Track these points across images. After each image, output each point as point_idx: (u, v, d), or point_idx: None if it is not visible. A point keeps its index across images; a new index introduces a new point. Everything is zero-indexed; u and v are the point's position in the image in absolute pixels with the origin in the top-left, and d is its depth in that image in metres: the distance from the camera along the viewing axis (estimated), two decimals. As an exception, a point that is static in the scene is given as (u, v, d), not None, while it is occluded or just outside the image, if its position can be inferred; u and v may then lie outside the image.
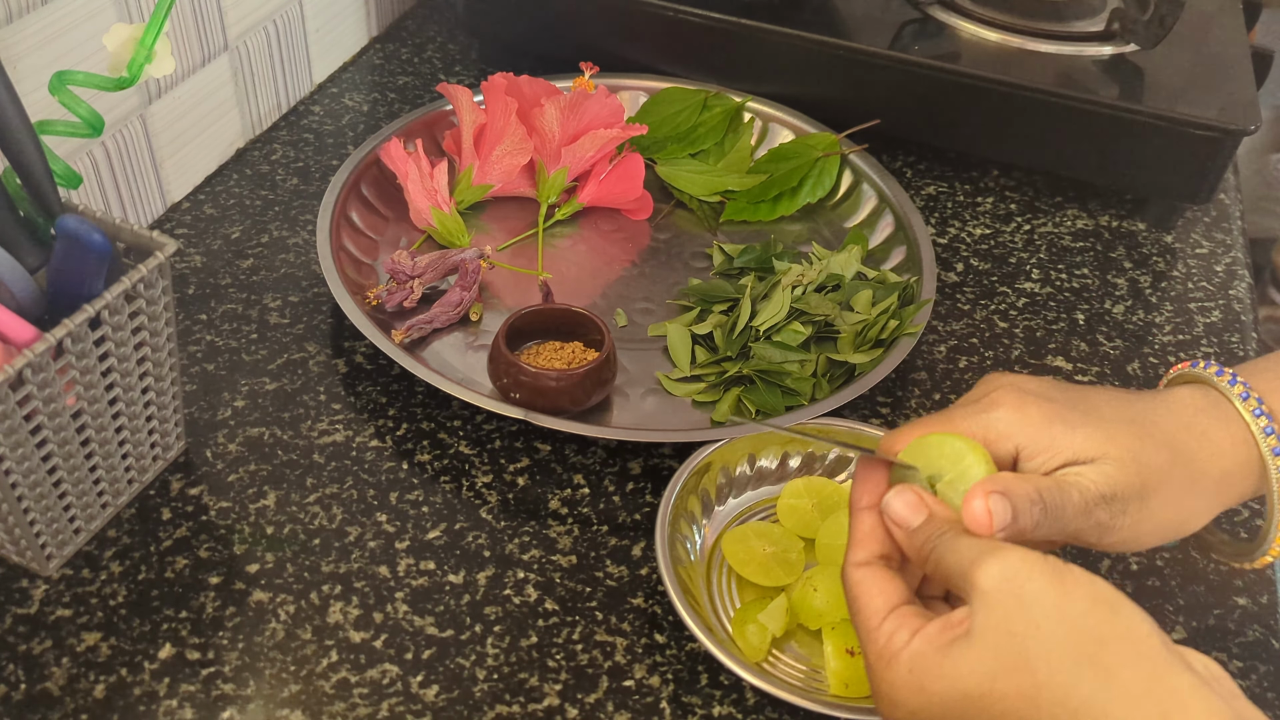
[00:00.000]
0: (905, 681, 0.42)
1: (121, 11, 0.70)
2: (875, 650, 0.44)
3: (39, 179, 0.52)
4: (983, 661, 0.40)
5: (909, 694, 0.42)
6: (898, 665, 0.43)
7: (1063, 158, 0.86)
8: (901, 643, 0.43)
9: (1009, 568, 0.41)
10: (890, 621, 0.44)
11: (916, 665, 0.42)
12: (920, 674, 0.42)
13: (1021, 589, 0.40)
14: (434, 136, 0.85)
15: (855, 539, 0.47)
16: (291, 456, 0.65)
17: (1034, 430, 0.47)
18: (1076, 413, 0.48)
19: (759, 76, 0.89)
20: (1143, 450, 0.47)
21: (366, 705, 0.54)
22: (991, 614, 0.41)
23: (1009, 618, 0.40)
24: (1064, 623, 0.40)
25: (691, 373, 0.70)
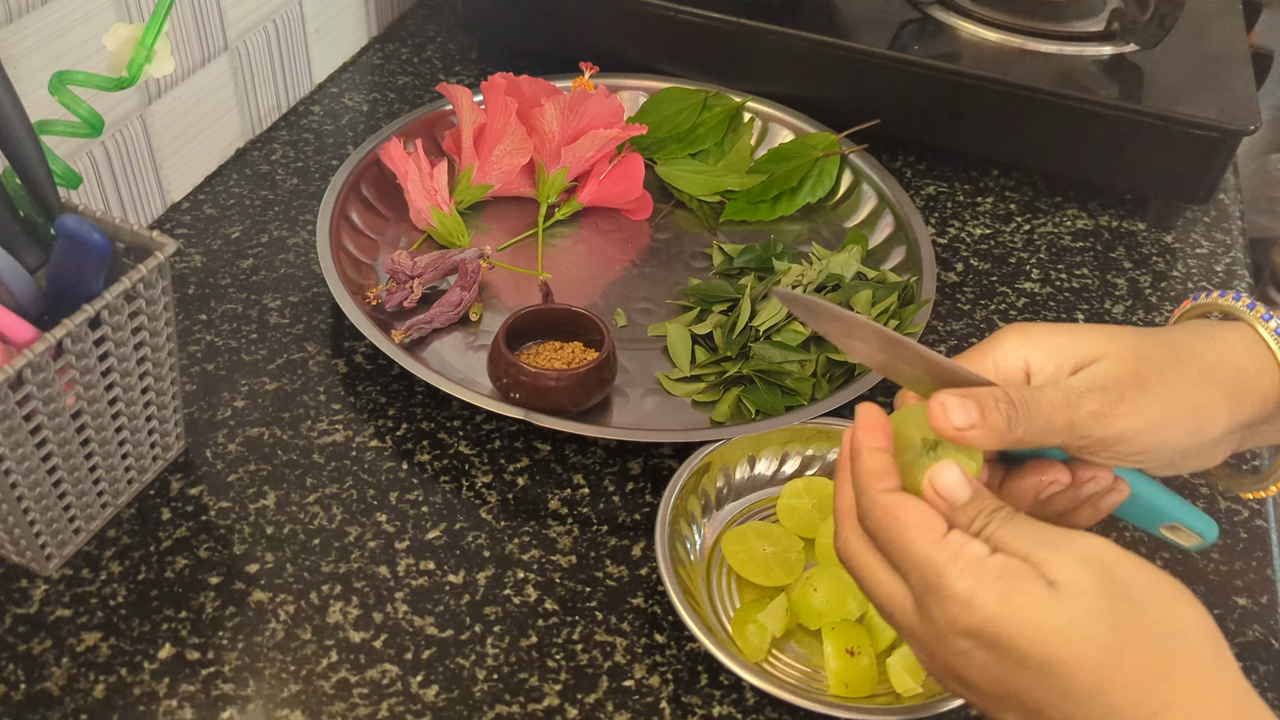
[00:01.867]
0: (991, 586, 0.39)
1: (121, 11, 0.70)
2: (949, 554, 0.40)
3: (39, 179, 0.52)
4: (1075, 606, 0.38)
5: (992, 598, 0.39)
6: (984, 569, 0.40)
7: (1063, 158, 0.86)
8: (982, 551, 0.40)
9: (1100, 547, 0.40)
10: (959, 534, 0.41)
11: (1005, 575, 0.39)
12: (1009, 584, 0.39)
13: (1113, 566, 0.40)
14: (434, 136, 0.85)
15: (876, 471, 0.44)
16: (291, 456, 0.65)
17: (1039, 342, 0.46)
18: (1080, 327, 0.48)
19: (759, 76, 0.89)
20: (1141, 345, 0.46)
21: (366, 705, 0.54)
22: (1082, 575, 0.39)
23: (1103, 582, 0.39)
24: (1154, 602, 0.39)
25: (691, 373, 0.70)
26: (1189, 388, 0.46)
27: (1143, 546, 0.64)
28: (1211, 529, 0.52)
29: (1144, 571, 0.40)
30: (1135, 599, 0.39)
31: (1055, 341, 0.47)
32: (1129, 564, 0.40)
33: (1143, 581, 0.40)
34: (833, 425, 0.64)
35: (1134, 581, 0.40)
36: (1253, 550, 0.64)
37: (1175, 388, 0.46)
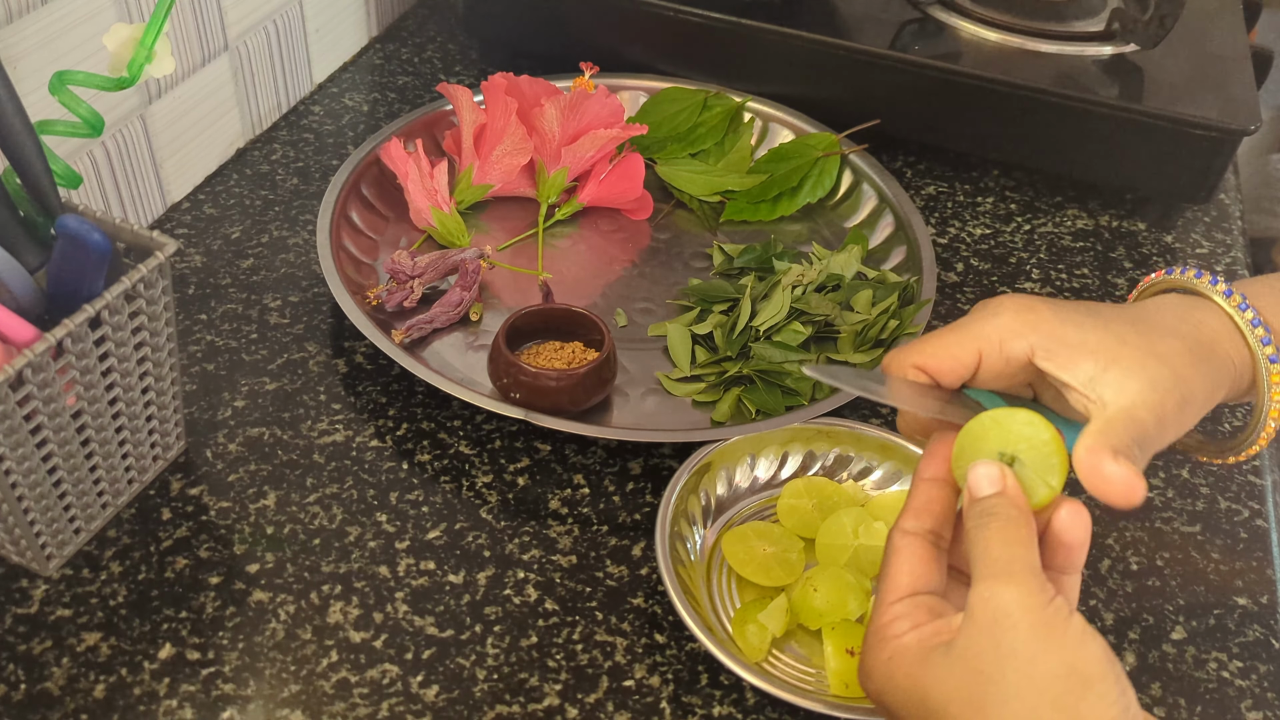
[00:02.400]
0: (884, 666, 0.44)
1: (121, 11, 0.70)
2: (877, 625, 0.45)
3: (39, 179, 0.52)
4: (949, 681, 0.41)
5: (881, 677, 0.44)
6: (884, 649, 0.44)
7: (1063, 158, 0.86)
8: (897, 632, 0.44)
9: (1000, 608, 0.41)
10: (901, 606, 0.44)
11: (896, 656, 0.43)
12: (894, 665, 0.43)
13: (1003, 634, 0.41)
14: (434, 136, 0.85)
15: (910, 506, 0.47)
16: (291, 456, 0.65)
17: (1046, 327, 0.47)
18: (1080, 313, 0.48)
19: (759, 76, 0.89)
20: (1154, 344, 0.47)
21: (366, 705, 0.54)
22: (969, 644, 0.41)
23: (981, 656, 0.41)
24: (1029, 680, 0.40)
25: (691, 373, 0.70)
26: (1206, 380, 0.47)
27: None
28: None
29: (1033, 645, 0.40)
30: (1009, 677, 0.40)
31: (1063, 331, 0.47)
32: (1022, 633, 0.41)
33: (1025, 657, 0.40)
34: (833, 425, 0.64)
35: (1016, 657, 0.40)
36: (1253, 550, 0.64)
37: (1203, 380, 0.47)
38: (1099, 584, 0.62)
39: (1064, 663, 0.40)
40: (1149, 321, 0.49)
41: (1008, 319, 0.48)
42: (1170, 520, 0.66)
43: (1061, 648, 0.40)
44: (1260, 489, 0.68)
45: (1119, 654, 0.59)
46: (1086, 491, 0.45)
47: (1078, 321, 0.47)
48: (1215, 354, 0.48)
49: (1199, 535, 0.65)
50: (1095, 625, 0.59)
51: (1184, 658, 0.59)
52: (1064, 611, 0.41)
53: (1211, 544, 0.65)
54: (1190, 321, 0.49)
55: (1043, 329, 0.47)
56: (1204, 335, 0.48)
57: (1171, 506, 0.66)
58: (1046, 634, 0.40)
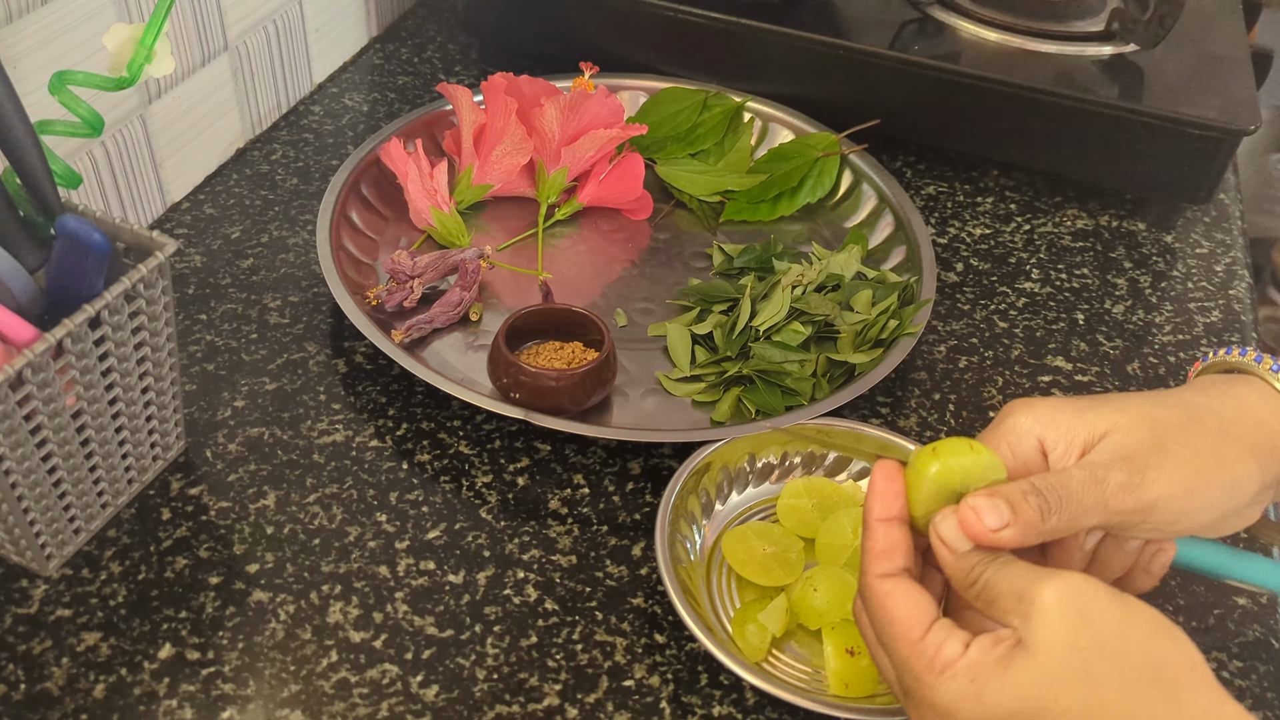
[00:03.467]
0: (965, 691, 0.41)
1: (121, 11, 0.70)
2: (924, 662, 0.42)
3: (39, 179, 0.52)
4: (1047, 673, 0.40)
5: (968, 704, 0.41)
6: (955, 675, 0.41)
7: (1063, 158, 0.86)
8: (955, 653, 0.41)
9: (1074, 586, 0.41)
10: (936, 633, 0.42)
11: (978, 675, 0.41)
12: (982, 685, 0.40)
13: (1087, 607, 0.40)
14: (434, 136, 0.85)
15: (876, 551, 0.45)
16: (291, 456, 0.65)
17: (1047, 421, 0.47)
18: (1088, 400, 0.48)
19: (759, 76, 0.89)
20: (1153, 410, 0.46)
21: (366, 705, 0.54)
22: (1055, 630, 0.40)
23: (1075, 633, 0.40)
24: (1130, 642, 0.40)
25: (691, 373, 0.70)
26: (1212, 447, 0.46)
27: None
28: (1276, 574, 0.52)
29: (1119, 610, 0.40)
30: (1109, 644, 0.40)
31: (1064, 419, 0.47)
32: (1104, 603, 0.40)
33: (1117, 621, 0.40)
34: (833, 425, 0.64)
35: (1108, 624, 0.40)
36: (1253, 550, 0.64)
37: (1198, 449, 0.46)
38: (1099, 584, 0.62)
39: (1149, 621, 0.41)
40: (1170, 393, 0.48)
41: (1013, 421, 0.48)
42: (1170, 520, 0.66)
43: (1138, 609, 0.41)
44: (1260, 489, 0.68)
45: (1119, 654, 0.59)
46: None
47: (1080, 407, 0.47)
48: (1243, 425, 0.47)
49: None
50: (1095, 625, 0.59)
51: (1184, 658, 0.59)
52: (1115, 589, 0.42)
53: (1211, 544, 0.65)
54: (1218, 393, 0.48)
55: (1044, 421, 0.47)
56: (1233, 408, 0.48)
57: (1171, 506, 0.66)
58: (1122, 601, 0.41)
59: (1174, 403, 0.47)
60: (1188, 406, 0.47)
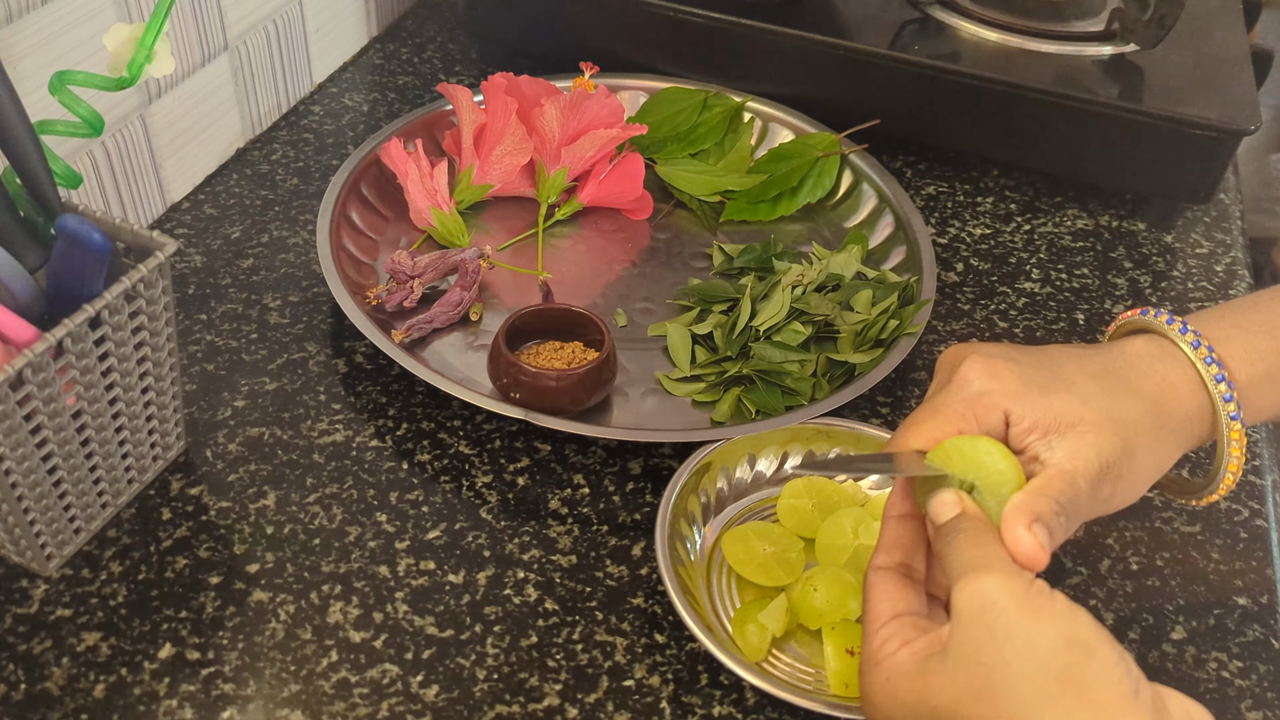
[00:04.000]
0: (882, 687, 0.44)
1: (121, 11, 0.70)
2: (868, 653, 0.46)
3: (39, 179, 0.52)
4: (953, 683, 0.42)
5: (883, 699, 0.44)
6: (879, 671, 0.44)
7: (1063, 158, 0.86)
8: (889, 651, 0.45)
9: (986, 596, 0.41)
10: (887, 629, 0.46)
11: (894, 675, 0.44)
12: (894, 684, 0.44)
13: (995, 620, 0.41)
14: (434, 136, 0.85)
15: (880, 544, 0.49)
16: (291, 456, 0.65)
17: (1015, 396, 0.48)
18: (1043, 373, 0.49)
19: (759, 76, 0.89)
20: (1115, 405, 0.48)
21: (366, 705, 0.54)
22: (964, 640, 0.42)
23: (979, 647, 0.41)
24: (1032, 660, 0.40)
25: (691, 373, 0.70)
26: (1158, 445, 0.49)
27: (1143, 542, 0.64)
28: None
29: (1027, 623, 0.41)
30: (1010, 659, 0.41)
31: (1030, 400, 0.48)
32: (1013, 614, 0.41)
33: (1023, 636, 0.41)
34: (833, 425, 0.64)
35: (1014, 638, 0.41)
36: (1253, 550, 0.64)
37: (1149, 450, 0.49)
38: (1099, 584, 0.62)
39: (1060, 635, 0.40)
40: (1115, 376, 0.50)
41: (977, 388, 0.49)
42: (1170, 520, 0.66)
43: (1053, 622, 0.40)
44: (1260, 489, 0.68)
45: (1119, 654, 0.59)
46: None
47: (1042, 384, 0.48)
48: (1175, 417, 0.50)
49: (1199, 535, 0.65)
50: (1095, 625, 0.60)
51: (1184, 658, 0.59)
52: (1046, 590, 0.42)
53: (1211, 544, 0.65)
54: (1155, 378, 0.50)
55: (1011, 395, 0.48)
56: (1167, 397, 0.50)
57: (1171, 506, 0.66)
58: (1035, 612, 0.41)
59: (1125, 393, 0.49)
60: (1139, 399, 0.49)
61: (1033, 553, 0.44)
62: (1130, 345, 0.52)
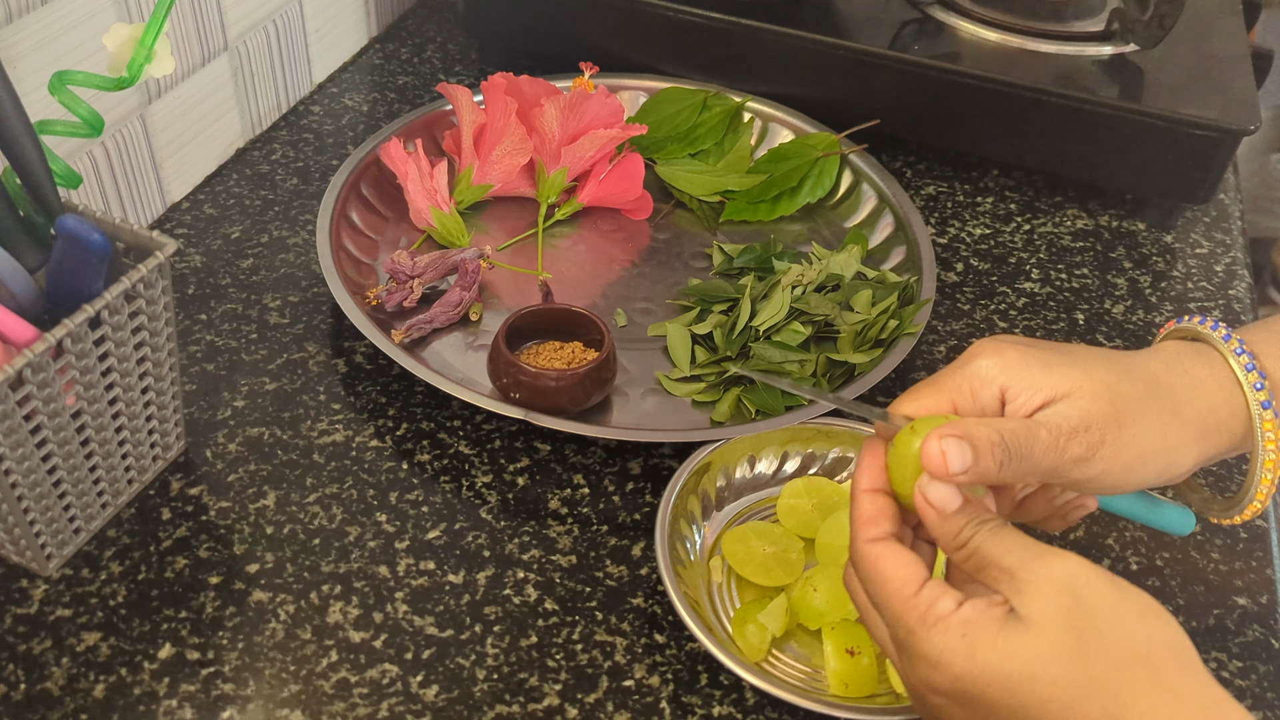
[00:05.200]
0: (956, 645, 0.42)
1: (121, 11, 0.70)
2: (917, 615, 0.43)
3: (39, 179, 0.52)
4: (1040, 643, 0.40)
5: (959, 658, 0.41)
6: (948, 628, 0.42)
7: (1063, 158, 0.86)
8: (949, 608, 0.42)
9: (1070, 569, 0.42)
10: (930, 589, 0.43)
11: (970, 631, 0.41)
12: (974, 640, 0.41)
13: (1081, 589, 0.41)
14: (434, 136, 0.85)
15: (866, 518, 0.47)
16: (291, 456, 0.65)
17: (1013, 371, 0.48)
18: (1053, 354, 0.49)
19: (759, 76, 0.89)
20: (1118, 381, 0.47)
21: (366, 705, 0.54)
22: (1049, 606, 0.41)
23: (1068, 612, 0.41)
24: (1121, 625, 0.41)
25: (691, 373, 0.70)
26: (1162, 428, 0.48)
27: (1142, 546, 0.64)
28: (1185, 522, 0.54)
29: (1112, 592, 0.42)
30: (1101, 625, 0.41)
31: (1029, 373, 0.48)
32: (1098, 585, 0.42)
33: (1110, 603, 0.41)
34: (833, 425, 0.64)
35: (1101, 605, 0.41)
36: (1253, 550, 0.64)
37: (1149, 429, 0.47)
38: (1099, 584, 0.62)
39: (1141, 604, 0.41)
40: (1130, 360, 0.49)
41: (978, 364, 0.49)
42: (1170, 520, 0.66)
43: (1130, 593, 0.42)
44: (1260, 489, 0.68)
45: (1119, 654, 0.59)
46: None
47: (1046, 360, 0.48)
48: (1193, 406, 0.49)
49: (1199, 535, 0.65)
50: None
51: (1184, 658, 0.59)
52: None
53: (1211, 544, 0.65)
54: (1177, 369, 0.49)
55: (1009, 369, 0.48)
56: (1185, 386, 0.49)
57: (1171, 506, 0.66)
58: (1116, 585, 0.42)
59: (1137, 375, 0.48)
60: (1150, 381, 0.48)
61: (932, 458, 0.44)
62: (1163, 345, 0.52)
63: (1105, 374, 0.47)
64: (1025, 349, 0.49)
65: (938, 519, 0.45)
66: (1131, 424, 0.47)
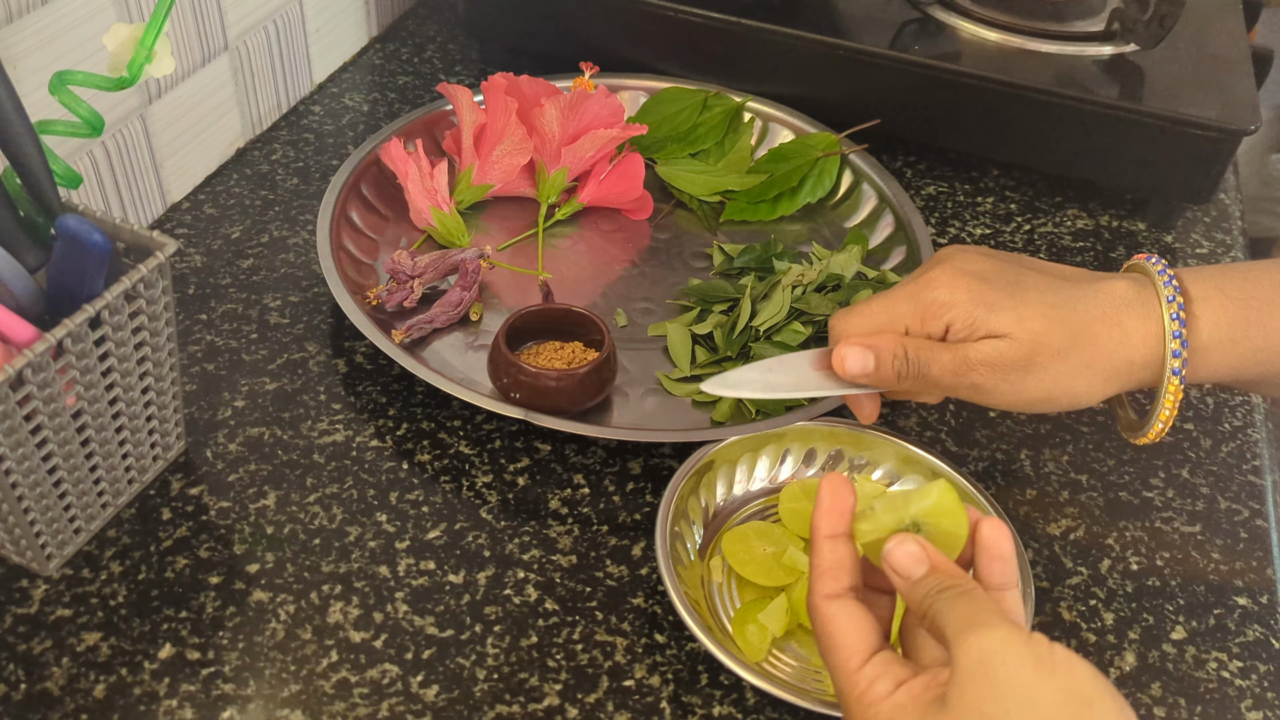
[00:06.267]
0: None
1: (121, 11, 0.70)
2: (855, 694, 0.43)
3: (39, 179, 0.52)
4: None
5: None
6: (878, 713, 0.42)
7: (1063, 158, 0.86)
8: (884, 692, 0.43)
9: (987, 648, 0.41)
10: (872, 667, 0.44)
11: (897, 717, 0.42)
12: None
13: (996, 672, 0.40)
14: (434, 136, 0.85)
15: (822, 569, 0.46)
16: (291, 456, 0.65)
17: (960, 310, 0.52)
18: (1002, 294, 0.52)
19: (759, 76, 0.89)
20: (1045, 332, 0.52)
21: (366, 705, 0.54)
22: (966, 690, 0.41)
23: (980, 698, 0.40)
24: (1033, 712, 0.39)
25: (691, 373, 0.70)
26: (1071, 376, 0.53)
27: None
28: None
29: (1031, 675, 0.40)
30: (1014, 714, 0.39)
31: (974, 314, 0.52)
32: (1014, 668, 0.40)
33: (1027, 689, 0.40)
34: (833, 425, 0.64)
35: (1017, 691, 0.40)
36: (1253, 550, 0.64)
37: (1057, 377, 0.52)
38: (1099, 584, 0.62)
39: (1060, 689, 0.40)
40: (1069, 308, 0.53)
41: (933, 296, 0.53)
42: (1170, 520, 0.66)
43: (1054, 675, 0.40)
44: (1260, 489, 0.68)
45: (1119, 654, 0.59)
46: None
47: (992, 301, 0.52)
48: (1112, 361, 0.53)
49: (1199, 535, 0.65)
50: (1095, 625, 0.60)
51: (1184, 658, 0.59)
52: (1045, 642, 0.41)
53: (1211, 544, 0.65)
54: (1109, 322, 0.53)
55: (959, 307, 0.52)
56: (1109, 340, 0.53)
57: (1171, 506, 0.66)
58: (1036, 665, 0.40)
59: (1069, 326, 0.52)
60: (1077, 332, 0.52)
61: (835, 360, 0.52)
62: (1109, 284, 0.54)
63: (1037, 323, 0.52)
64: (979, 286, 0.52)
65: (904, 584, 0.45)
66: (1039, 371, 0.52)
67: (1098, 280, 0.54)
